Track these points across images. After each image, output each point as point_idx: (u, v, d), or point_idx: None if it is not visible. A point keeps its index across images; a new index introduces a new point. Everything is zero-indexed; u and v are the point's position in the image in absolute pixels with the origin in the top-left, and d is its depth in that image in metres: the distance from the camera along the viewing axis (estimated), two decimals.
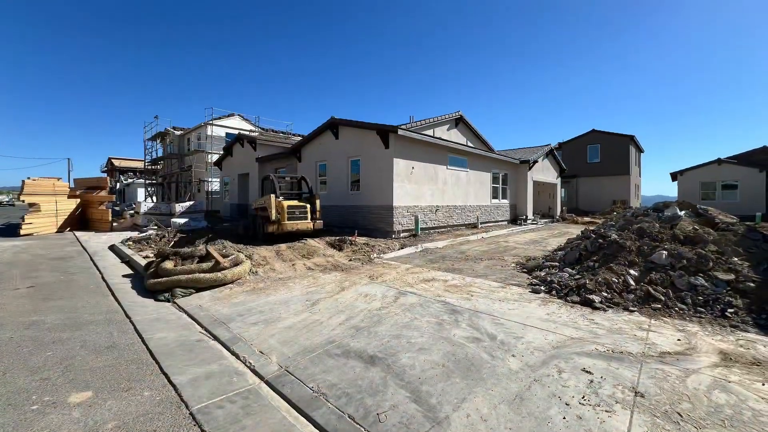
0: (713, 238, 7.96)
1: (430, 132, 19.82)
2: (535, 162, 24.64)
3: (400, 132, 14.57)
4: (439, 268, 9.84)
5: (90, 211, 20.33)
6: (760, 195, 27.08)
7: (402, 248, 12.56)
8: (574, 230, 19.46)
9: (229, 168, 28.40)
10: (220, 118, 36.40)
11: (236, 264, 8.74)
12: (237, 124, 37.64)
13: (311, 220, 13.87)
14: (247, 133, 33.90)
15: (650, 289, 6.76)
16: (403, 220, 15.36)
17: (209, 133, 33.89)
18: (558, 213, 28.67)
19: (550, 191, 30.03)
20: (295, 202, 13.77)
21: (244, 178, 26.66)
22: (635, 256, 7.80)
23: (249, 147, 25.59)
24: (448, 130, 21.44)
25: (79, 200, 20.23)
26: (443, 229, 17.67)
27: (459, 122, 22.12)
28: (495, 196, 22.05)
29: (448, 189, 18.02)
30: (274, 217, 13.06)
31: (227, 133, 35.81)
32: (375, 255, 11.47)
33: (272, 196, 13.27)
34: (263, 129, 39.38)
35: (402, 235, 15.29)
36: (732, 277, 6.77)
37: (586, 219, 26.46)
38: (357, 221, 16.22)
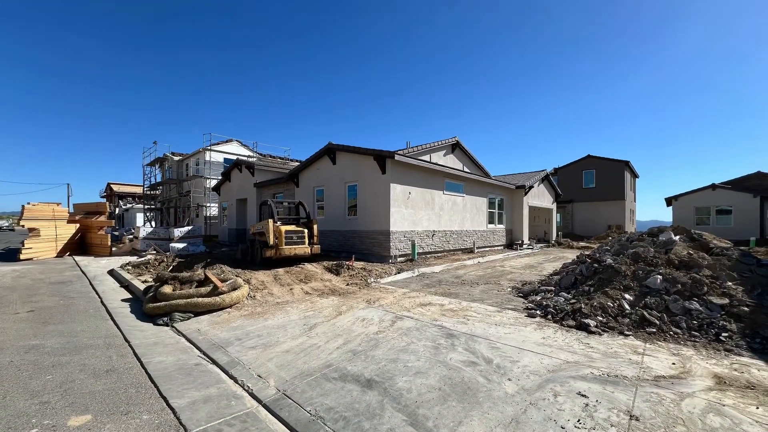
0: (708, 263, 8.06)
1: (426, 157, 20.07)
2: (531, 187, 24.92)
3: (397, 157, 14.79)
4: (435, 292, 9.89)
5: (89, 235, 20.39)
6: (754, 220, 27.32)
7: (399, 273, 12.62)
8: (570, 255, 19.56)
9: (228, 193, 28.59)
10: (218, 144, 36.81)
11: (234, 288, 8.79)
12: (235, 150, 38.04)
13: (309, 244, 13.96)
14: (245, 158, 34.21)
15: (645, 313, 6.83)
16: (399, 245, 15.45)
17: (207, 158, 34.25)
18: (554, 238, 28.80)
19: (546, 216, 30.25)
20: (292, 227, 13.88)
21: (243, 203, 26.83)
22: (630, 281, 7.89)
23: (247, 172, 25.86)
24: (444, 155, 21.73)
25: (78, 225, 20.30)
26: (440, 254, 17.74)
27: (455, 148, 22.45)
28: (491, 221, 22.21)
29: (445, 214, 18.17)
30: (272, 242, 13.16)
31: (225, 159, 36.09)
32: (372, 279, 11.52)
33: (270, 221, 13.38)
34: (261, 154, 39.78)
35: (399, 259, 15.35)
36: (726, 301, 6.85)
37: (582, 244, 26.58)
38: (354, 246, 16.30)
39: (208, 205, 33.70)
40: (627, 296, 7.45)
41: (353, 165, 16.58)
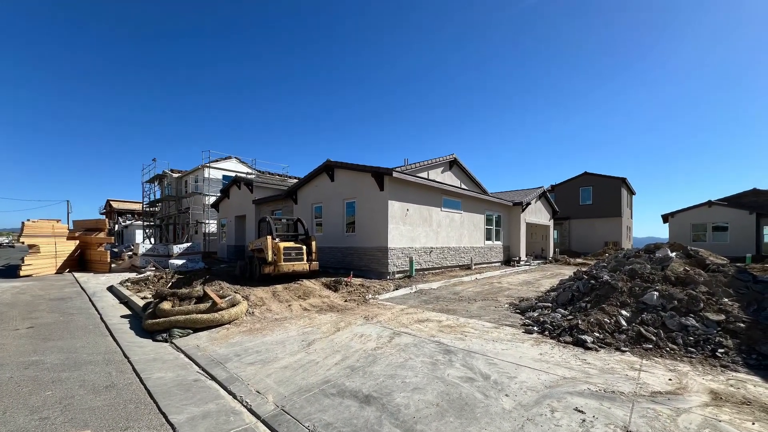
0: (704, 279, 8.13)
1: (424, 174, 20.25)
2: (528, 204, 25.06)
3: (394, 175, 14.94)
4: (433, 308, 9.91)
5: (89, 252, 20.40)
6: (750, 236, 27.44)
7: (397, 289, 12.64)
8: (567, 271, 19.57)
9: (226, 210, 28.68)
10: (217, 161, 37.00)
11: (233, 305, 8.82)
12: (234, 167, 38.24)
13: (307, 261, 14.02)
14: (244, 175, 34.39)
15: (642, 329, 6.87)
16: (397, 261, 15.50)
17: (206, 175, 34.40)
18: (551, 254, 28.84)
19: (543, 233, 30.32)
20: (291, 244, 13.95)
21: (241, 219, 26.91)
22: (627, 297, 7.95)
23: (246, 189, 25.99)
24: (442, 172, 21.92)
25: (78, 242, 20.33)
26: (437, 270, 17.77)
27: (453, 165, 22.66)
28: (488, 238, 22.29)
29: (443, 230, 18.26)
30: (270, 259, 13.20)
31: (224, 176, 36.23)
32: (370, 296, 11.54)
33: (269, 237, 13.45)
34: (260, 171, 39.94)
35: (397, 276, 15.38)
36: (722, 317, 6.91)
37: (579, 260, 26.61)
38: (352, 262, 16.34)
39: (207, 221, 33.74)
40: (624, 312, 7.50)
41: (351, 182, 16.72)
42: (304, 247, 14.12)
